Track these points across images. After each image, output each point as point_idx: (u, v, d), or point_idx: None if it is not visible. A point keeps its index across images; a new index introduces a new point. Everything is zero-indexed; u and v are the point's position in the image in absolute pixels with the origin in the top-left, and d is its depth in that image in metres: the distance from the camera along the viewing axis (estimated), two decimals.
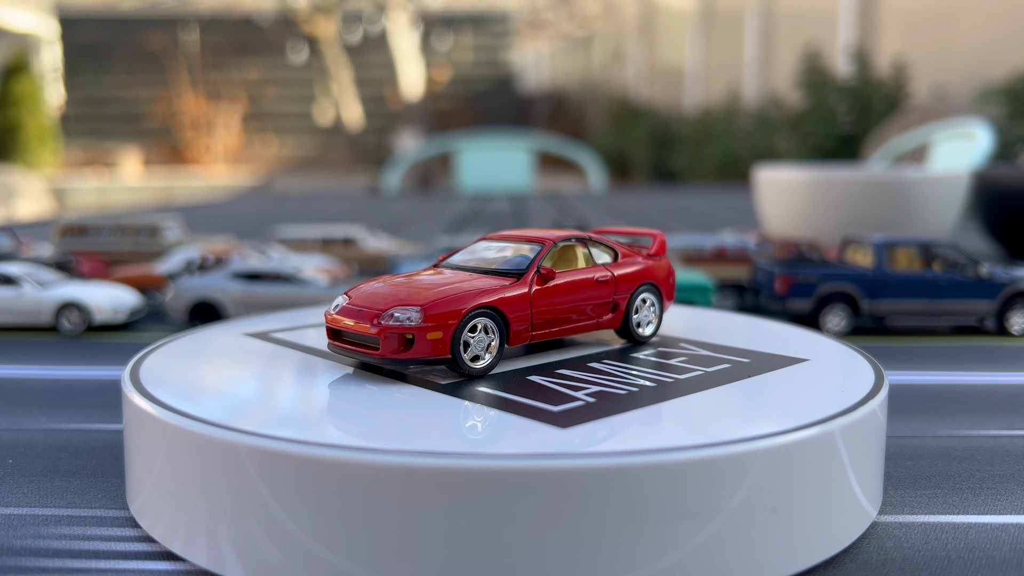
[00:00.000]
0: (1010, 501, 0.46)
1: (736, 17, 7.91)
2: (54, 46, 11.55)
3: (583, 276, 0.52)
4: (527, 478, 0.33)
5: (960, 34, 4.88)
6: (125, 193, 8.47)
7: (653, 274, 0.56)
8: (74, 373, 0.74)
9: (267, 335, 0.57)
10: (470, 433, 0.38)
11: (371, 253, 1.36)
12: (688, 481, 0.34)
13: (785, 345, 0.54)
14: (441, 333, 0.45)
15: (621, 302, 0.54)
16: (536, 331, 0.50)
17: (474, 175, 4.16)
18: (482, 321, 0.47)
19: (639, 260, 0.56)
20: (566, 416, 0.39)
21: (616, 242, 0.57)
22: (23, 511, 0.44)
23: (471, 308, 0.46)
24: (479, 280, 0.49)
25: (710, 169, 6.78)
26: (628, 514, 0.33)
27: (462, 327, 0.46)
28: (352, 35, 12.67)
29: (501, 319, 0.48)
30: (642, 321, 0.55)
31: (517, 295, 0.48)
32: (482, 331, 0.47)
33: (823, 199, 1.34)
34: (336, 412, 0.42)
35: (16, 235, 1.20)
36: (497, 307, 0.47)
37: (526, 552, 0.33)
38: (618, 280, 0.54)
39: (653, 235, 0.60)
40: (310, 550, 0.35)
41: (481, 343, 0.47)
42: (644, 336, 0.55)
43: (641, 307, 0.55)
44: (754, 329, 0.60)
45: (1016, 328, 0.90)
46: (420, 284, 0.49)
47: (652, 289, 0.56)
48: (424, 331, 0.45)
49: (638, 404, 0.41)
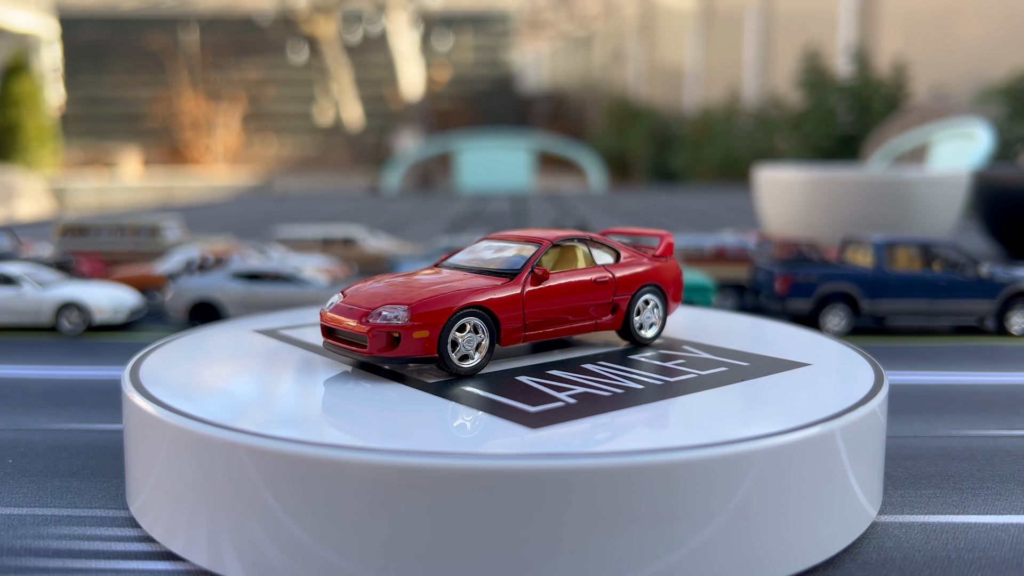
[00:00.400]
0: (1010, 501, 0.46)
1: (736, 17, 7.91)
2: (54, 46, 11.55)
3: (580, 277, 0.52)
4: (527, 478, 0.33)
5: (960, 34, 4.88)
6: (125, 193, 8.47)
7: (657, 276, 0.56)
8: (74, 373, 0.74)
9: (273, 332, 0.57)
10: (458, 432, 0.38)
11: (371, 253, 1.36)
12: (688, 481, 0.34)
13: (785, 346, 0.54)
14: (428, 332, 0.45)
15: (621, 303, 0.54)
16: (530, 331, 0.50)
17: (474, 175, 4.16)
18: (471, 321, 0.47)
19: (643, 261, 0.56)
20: (541, 417, 0.39)
21: (619, 243, 0.57)
22: (23, 511, 0.44)
23: (458, 308, 0.46)
24: (473, 280, 0.49)
25: (710, 169, 6.78)
26: (628, 514, 0.33)
27: (449, 326, 0.46)
28: (352, 35, 12.67)
29: (491, 319, 0.48)
30: (644, 323, 0.55)
31: (508, 295, 0.48)
32: (471, 331, 0.47)
33: (823, 199, 1.34)
34: (336, 412, 0.42)
35: (16, 235, 1.20)
36: (486, 307, 0.47)
37: (527, 552, 0.33)
38: (618, 281, 0.54)
39: (660, 236, 0.59)
40: (311, 550, 0.35)
41: (470, 343, 0.47)
42: (646, 338, 0.55)
43: (644, 309, 0.55)
44: (754, 330, 0.60)
45: (1016, 328, 0.90)
46: (414, 283, 0.49)
47: (656, 291, 0.56)
48: (411, 330, 0.45)
49: (620, 406, 0.41)
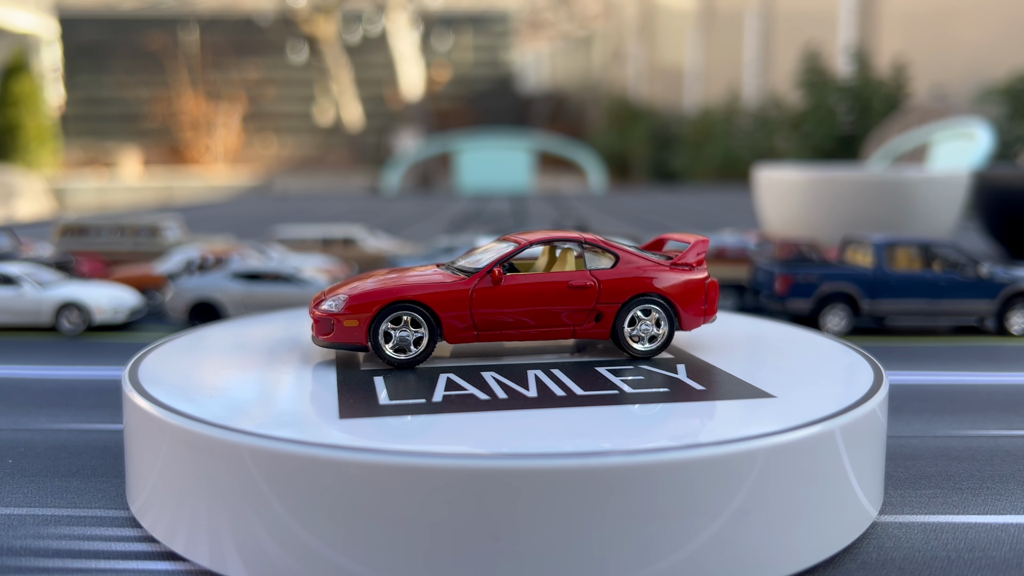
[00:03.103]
0: (1010, 501, 0.46)
1: (736, 17, 7.91)
2: (54, 46, 11.56)
3: (548, 280, 0.50)
4: (528, 478, 0.33)
5: (960, 34, 4.88)
6: (125, 193, 8.48)
7: (657, 285, 0.51)
8: (74, 373, 0.74)
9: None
10: (458, 432, 0.38)
11: (371, 253, 1.36)
12: (689, 481, 0.34)
13: (785, 346, 0.54)
14: (357, 321, 0.48)
15: (607, 311, 0.50)
16: (484, 331, 0.49)
17: (474, 175, 4.16)
18: (408, 315, 0.48)
19: (645, 269, 0.51)
20: (389, 408, 0.40)
21: (624, 247, 0.53)
22: (23, 511, 0.44)
23: (389, 301, 0.48)
24: (432, 277, 0.50)
25: (710, 169, 6.79)
26: (629, 514, 0.33)
27: (379, 318, 0.48)
28: (352, 35, 12.67)
29: (430, 315, 0.48)
30: (639, 335, 0.51)
31: (451, 292, 0.49)
32: (408, 324, 0.48)
33: (823, 199, 1.34)
34: (337, 411, 0.42)
35: (16, 235, 1.20)
36: (422, 302, 0.48)
37: (528, 552, 0.33)
38: (603, 287, 0.50)
39: (692, 241, 0.54)
40: (312, 549, 0.35)
41: (406, 336, 0.48)
42: (639, 352, 0.51)
43: (639, 320, 0.51)
44: (754, 330, 0.60)
45: (1016, 328, 0.90)
46: (384, 278, 0.51)
47: (660, 302, 0.51)
48: (342, 318, 0.48)
49: (474, 409, 0.40)
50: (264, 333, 0.58)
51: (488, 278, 0.50)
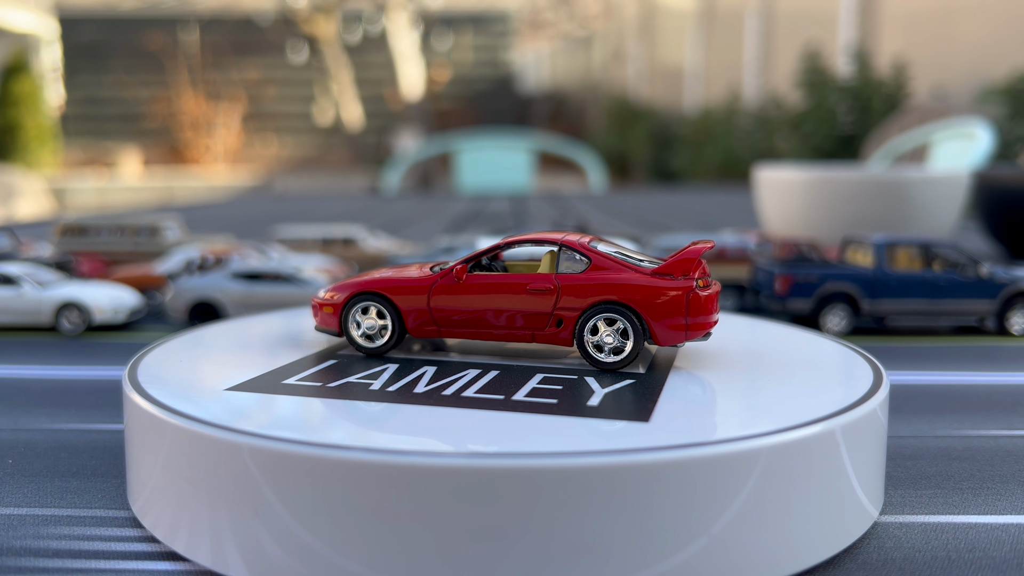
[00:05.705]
0: (1010, 501, 0.46)
1: (736, 17, 7.91)
2: (54, 46, 11.56)
3: (507, 281, 0.49)
4: (528, 478, 0.33)
5: (960, 34, 4.88)
6: (125, 193, 8.48)
7: (623, 292, 0.47)
8: (74, 373, 0.74)
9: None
10: (460, 433, 0.38)
11: (371, 253, 1.36)
12: (689, 481, 0.34)
13: (784, 346, 0.54)
14: (332, 309, 0.52)
15: (567, 317, 0.48)
16: (444, 327, 0.51)
17: (474, 175, 4.16)
18: (374, 306, 0.51)
19: (615, 275, 0.48)
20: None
21: (603, 252, 0.49)
22: (23, 511, 0.44)
23: (356, 292, 0.52)
24: (404, 272, 0.53)
25: (710, 169, 6.79)
26: (628, 515, 0.33)
27: (349, 306, 0.52)
28: (352, 35, 12.67)
29: (392, 307, 0.51)
30: (602, 344, 0.47)
31: (411, 287, 0.51)
32: (375, 315, 0.51)
33: (823, 199, 1.34)
34: (337, 411, 0.42)
35: (16, 235, 1.20)
36: (383, 294, 0.51)
37: (528, 552, 0.33)
38: (562, 292, 0.48)
39: (681, 249, 0.49)
40: (313, 549, 0.35)
41: (372, 326, 0.51)
42: (604, 364, 0.47)
43: (602, 328, 0.47)
44: (754, 331, 0.60)
45: (1016, 328, 0.90)
46: (379, 272, 0.54)
47: (623, 311, 0.47)
48: (322, 305, 0.53)
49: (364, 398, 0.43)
50: (263, 330, 0.58)
51: (451, 275, 0.50)
